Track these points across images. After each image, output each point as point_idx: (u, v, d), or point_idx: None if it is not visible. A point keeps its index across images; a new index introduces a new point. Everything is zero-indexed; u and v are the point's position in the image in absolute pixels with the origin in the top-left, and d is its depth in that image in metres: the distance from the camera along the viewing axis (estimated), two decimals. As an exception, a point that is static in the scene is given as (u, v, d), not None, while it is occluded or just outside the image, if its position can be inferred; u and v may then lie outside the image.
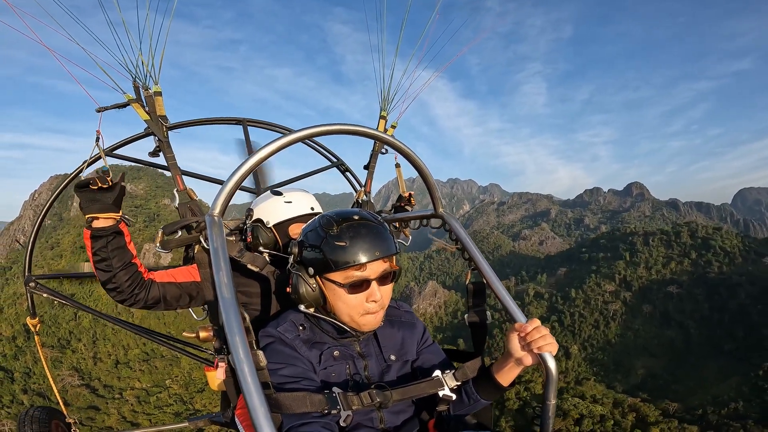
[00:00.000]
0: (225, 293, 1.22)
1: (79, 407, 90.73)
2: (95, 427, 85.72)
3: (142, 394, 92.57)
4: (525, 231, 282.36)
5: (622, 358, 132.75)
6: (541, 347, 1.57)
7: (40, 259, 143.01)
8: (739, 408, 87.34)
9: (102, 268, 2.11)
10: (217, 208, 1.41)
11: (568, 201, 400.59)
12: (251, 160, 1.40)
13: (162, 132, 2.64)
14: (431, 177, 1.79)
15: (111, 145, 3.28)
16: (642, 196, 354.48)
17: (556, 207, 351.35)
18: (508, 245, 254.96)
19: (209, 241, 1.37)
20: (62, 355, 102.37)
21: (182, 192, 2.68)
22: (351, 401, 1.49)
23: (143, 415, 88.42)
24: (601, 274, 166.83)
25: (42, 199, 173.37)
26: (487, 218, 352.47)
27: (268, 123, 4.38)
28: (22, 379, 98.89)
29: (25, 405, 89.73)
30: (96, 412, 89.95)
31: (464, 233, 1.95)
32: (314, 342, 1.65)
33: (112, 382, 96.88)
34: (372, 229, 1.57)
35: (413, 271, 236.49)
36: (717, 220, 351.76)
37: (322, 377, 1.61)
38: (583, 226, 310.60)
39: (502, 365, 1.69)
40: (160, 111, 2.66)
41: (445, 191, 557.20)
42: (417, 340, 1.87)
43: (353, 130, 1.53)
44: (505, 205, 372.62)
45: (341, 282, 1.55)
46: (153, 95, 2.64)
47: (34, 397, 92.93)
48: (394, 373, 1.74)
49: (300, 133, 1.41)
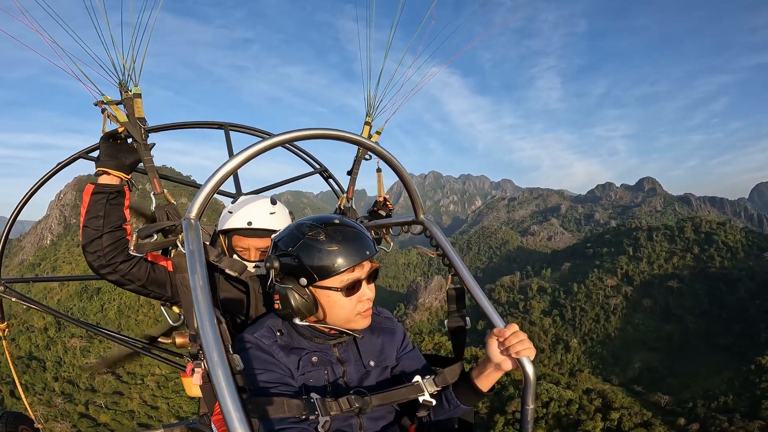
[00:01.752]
0: (200, 297, 1.21)
1: (105, 392, 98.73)
2: (119, 411, 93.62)
3: (161, 379, 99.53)
4: (534, 227, 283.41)
5: (621, 352, 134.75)
6: (519, 352, 1.57)
7: (68, 255, 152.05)
8: (729, 402, 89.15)
9: (91, 227, 2.07)
10: (194, 211, 1.40)
11: (579, 196, 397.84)
12: (229, 164, 1.39)
13: (140, 134, 2.52)
14: (412, 183, 1.82)
15: (91, 146, 3.30)
16: (654, 191, 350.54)
17: (567, 202, 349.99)
18: (516, 241, 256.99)
19: (185, 244, 1.35)
20: (90, 344, 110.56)
21: (159, 195, 2.58)
22: (329, 407, 1.47)
23: (162, 398, 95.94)
24: (603, 269, 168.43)
25: (67, 199, 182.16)
26: (498, 214, 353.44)
27: (250, 127, 4.34)
28: (54, 367, 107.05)
29: (57, 392, 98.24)
30: (120, 397, 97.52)
31: (444, 239, 1.97)
32: (292, 347, 1.62)
33: (134, 370, 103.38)
34: (356, 230, 1.57)
35: (422, 267, 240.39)
36: (731, 215, 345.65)
37: (301, 383, 1.58)
38: (593, 222, 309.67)
39: (482, 370, 1.69)
40: (139, 113, 2.56)
41: (457, 187, 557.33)
42: (397, 346, 1.85)
43: (335, 135, 1.51)
44: (516, 200, 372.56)
45: (337, 286, 1.52)
46: (132, 97, 2.53)
47: (65, 384, 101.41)
48: (374, 378, 1.73)
49: (279, 138, 1.40)
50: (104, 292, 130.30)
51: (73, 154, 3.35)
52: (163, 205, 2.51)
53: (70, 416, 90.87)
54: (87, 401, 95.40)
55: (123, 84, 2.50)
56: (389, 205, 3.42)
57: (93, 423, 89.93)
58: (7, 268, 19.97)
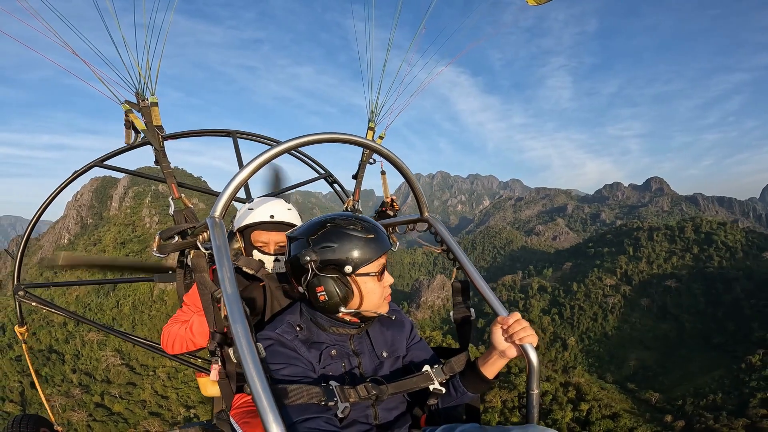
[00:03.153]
0: (228, 288, 1.28)
1: (120, 383, 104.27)
2: (132, 401, 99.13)
3: (171, 371, 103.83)
4: (539, 226, 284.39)
5: (617, 350, 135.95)
6: (522, 338, 1.66)
7: (84, 253, 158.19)
8: (717, 400, 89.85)
9: None
10: (218, 210, 1.50)
11: (587, 196, 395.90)
12: (246, 169, 1.50)
13: (158, 142, 2.62)
14: (417, 183, 1.91)
15: (106, 154, 3.41)
16: (661, 191, 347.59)
17: (574, 202, 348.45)
18: (520, 240, 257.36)
19: (212, 240, 1.44)
20: (106, 338, 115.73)
21: (177, 200, 2.71)
22: (348, 394, 1.54)
23: (171, 389, 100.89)
24: (603, 268, 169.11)
25: (84, 200, 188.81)
26: (504, 214, 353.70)
27: (257, 135, 4.49)
28: (72, 360, 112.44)
29: (74, 383, 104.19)
30: (133, 388, 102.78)
31: (449, 235, 2.09)
32: (312, 342, 1.68)
33: (147, 362, 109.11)
34: (376, 223, 1.72)
35: (427, 266, 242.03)
36: (739, 214, 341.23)
37: (321, 375, 1.64)
38: (599, 221, 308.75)
39: (487, 358, 1.77)
40: (156, 121, 2.65)
41: (465, 187, 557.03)
42: (406, 336, 1.93)
43: (342, 138, 1.59)
44: (523, 200, 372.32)
45: (374, 272, 1.64)
46: (150, 105, 2.63)
47: (82, 375, 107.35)
48: (387, 368, 1.80)
49: (289, 143, 1.49)
50: (119, 288, 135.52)
51: (88, 163, 3.45)
52: (181, 209, 2.67)
53: (86, 406, 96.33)
54: (102, 392, 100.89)
55: (140, 92, 2.61)
56: (396, 206, 3.53)
57: (108, 412, 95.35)
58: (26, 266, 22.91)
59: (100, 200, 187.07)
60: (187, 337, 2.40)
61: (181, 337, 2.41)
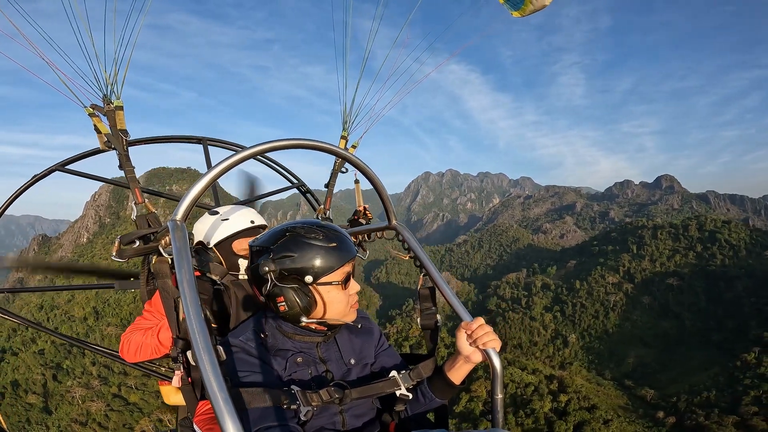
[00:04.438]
0: (186, 289, 1.25)
1: (136, 375, 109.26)
2: (147, 391, 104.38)
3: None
4: (546, 224, 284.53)
5: (617, 348, 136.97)
6: (486, 343, 1.66)
7: (103, 252, 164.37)
8: (711, 397, 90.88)
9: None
10: (180, 213, 1.46)
11: (597, 194, 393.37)
12: (210, 174, 1.47)
13: (122, 146, 2.58)
14: (386, 192, 1.92)
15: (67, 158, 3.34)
16: (672, 189, 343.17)
17: (583, 200, 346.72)
18: (526, 238, 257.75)
19: (172, 242, 1.39)
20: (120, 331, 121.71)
21: (140, 205, 2.67)
22: (310, 398, 1.53)
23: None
24: (607, 266, 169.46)
25: (102, 200, 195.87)
26: (512, 212, 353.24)
27: (227, 142, 4.46)
28: (91, 353, 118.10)
29: (94, 375, 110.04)
30: (148, 379, 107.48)
31: (416, 243, 2.10)
32: (278, 349, 1.66)
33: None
34: (342, 231, 1.69)
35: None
36: (751, 212, 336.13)
37: (287, 382, 1.61)
38: (608, 219, 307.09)
39: (453, 363, 1.77)
40: (121, 125, 2.62)
41: (475, 185, 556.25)
42: (374, 344, 1.92)
43: (311, 145, 1.55)
44: (532, 198, 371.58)
45: (338, 280, 1.60)
46: (114, 109, 2.59)
47: (101, 368, 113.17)
48: (355, 375, 1.78)
49: (257, 148, 1.45)
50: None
51: (49, 167, 3.45)
52: (144, 214, 2.64)
53: (104, 397, 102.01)
54: (120, 383, 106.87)
55: (106, 97, 2.61)
56: (369, 214, 3.55)
57: (124, 402, 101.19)
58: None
59: (118, 200, 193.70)
60: (154, 344, 2.38)
61: (147, 345, 2.39)
